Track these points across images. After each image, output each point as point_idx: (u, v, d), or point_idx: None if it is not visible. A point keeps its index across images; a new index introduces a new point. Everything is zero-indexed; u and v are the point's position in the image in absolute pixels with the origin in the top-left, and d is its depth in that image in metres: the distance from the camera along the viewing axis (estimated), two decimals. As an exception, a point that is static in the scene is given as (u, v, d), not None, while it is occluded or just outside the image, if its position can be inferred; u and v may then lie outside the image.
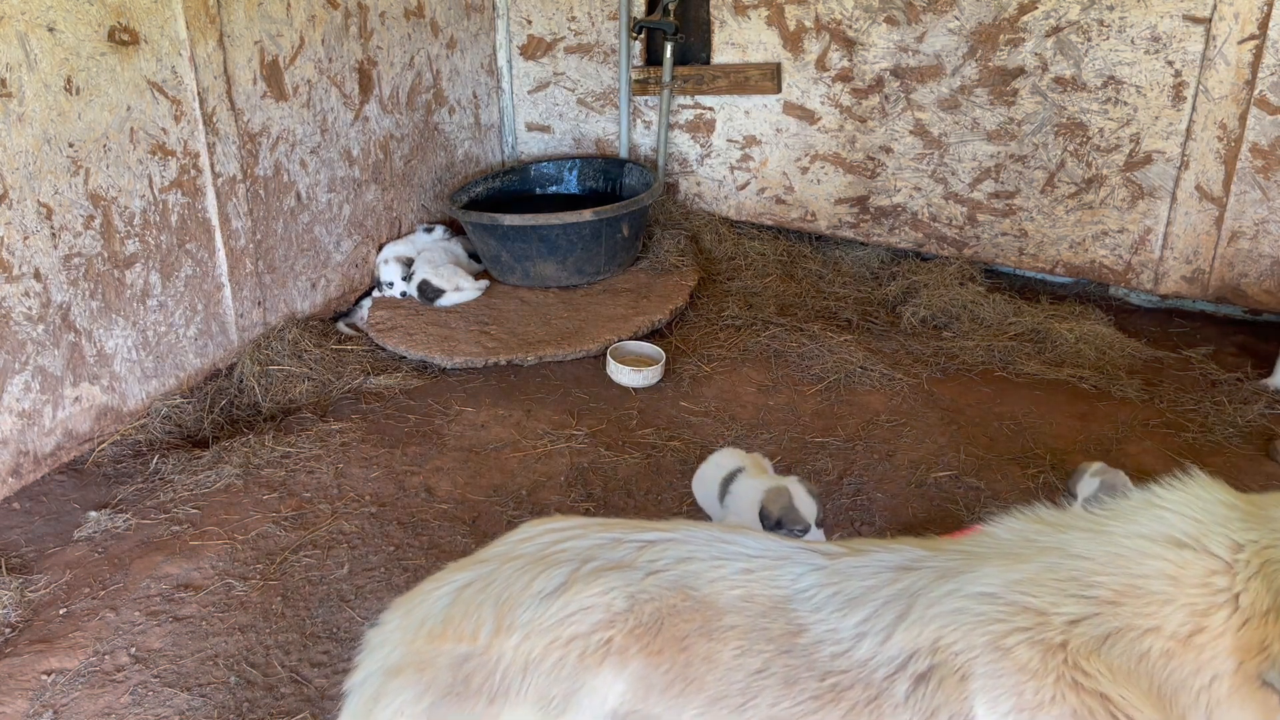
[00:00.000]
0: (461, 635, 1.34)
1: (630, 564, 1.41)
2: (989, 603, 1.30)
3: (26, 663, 2.35)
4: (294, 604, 2.53)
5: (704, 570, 1.41)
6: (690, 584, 1.39)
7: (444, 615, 1.38)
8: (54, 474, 3.07)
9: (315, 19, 3.77)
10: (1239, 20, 3.45)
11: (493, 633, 1.34)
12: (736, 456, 2.75)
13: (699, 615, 1.37)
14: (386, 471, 3.10)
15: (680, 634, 1.35)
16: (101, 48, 2.96)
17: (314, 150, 3.89)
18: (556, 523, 1.51)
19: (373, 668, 1.41)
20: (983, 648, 1.26)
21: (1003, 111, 4.03)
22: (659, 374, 3.62)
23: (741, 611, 1.37)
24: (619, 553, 1.42)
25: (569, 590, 1.36)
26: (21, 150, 2.78)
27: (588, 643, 1.33)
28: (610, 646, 1.33)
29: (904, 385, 3.53)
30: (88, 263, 3.03)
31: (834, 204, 4.57)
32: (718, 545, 1.45)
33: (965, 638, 1.28)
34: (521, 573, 1.40)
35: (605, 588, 1.36)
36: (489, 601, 1.37)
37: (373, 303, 4.23)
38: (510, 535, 1.52)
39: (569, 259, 4.21)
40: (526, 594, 1.37)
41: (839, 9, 4.23)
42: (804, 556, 1.44)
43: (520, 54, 5.09)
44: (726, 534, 1.49)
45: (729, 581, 1.40)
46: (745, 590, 1.39)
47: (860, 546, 1.47)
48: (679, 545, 1.45)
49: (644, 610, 1.35)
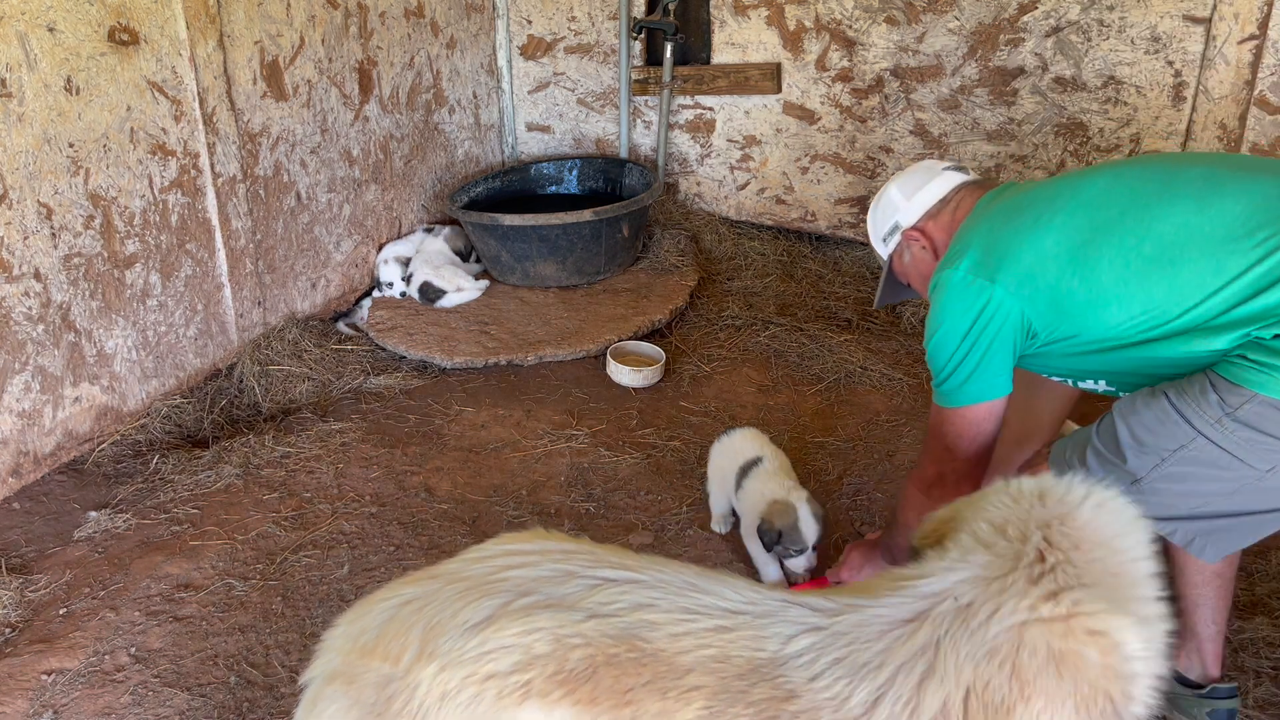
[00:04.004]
0: (388, 655, 1.32)
1: (573, 604, 1.31)
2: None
3: (26, 663, 2.35)
4: (294, 604, 2.53)
5: (663, 622, 1.29)
6: (642, 635, 1.28)
7: (378, 631, 1.35)
8: (54, 474, 3.07)
9: (315, 19, 3.77)
10: (1239, 20, 3.45)
11: (415, 658, 1.30)
12: (758, 443, 2.69)
13: (648, 670, 1.25)
14: (386, 471, 3.10)
15: (622, 686, 1.25)
16: (101, 48, 2.95)
17: (314, 150, 3.89)
18: (520, 543, 1.43)
19: (316, 671, 1.41)
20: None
21: (1003, 111, 4.03)
22: (659, 374, 3.62)
23: (713, 672, 1.25)
24: (566, 589, 1.33)
25: (493, 625, 1.29)
26: (21, 150, 2.78)
27: (504, 683, 1.26)
28: (529, 689, 1.25)
29: (904, 385, 3.52)
30: (88, 263, 3.03)
31: (834, 204, 4.57)
32: (689, 596, 1.33)
33: (1001, 670, 1.19)
34: (458, 598, 1.34)
35: (529, 628, 1.28)
36: (419, 625, 1.33)
37: (373, 303, 4.23)
38: (473, 550, 1.47)
39: (569, 259, 4.21)
40: (453, 622, 1.31)
41: (839, 9, 4.23)
42: (795, 614, 1.30)
43: (520, 54, 5.09)
44: (702, 581, 1.36)
45: (696, 639, 1.27)
46: (719, 650, 1.26)
47: (855, 601, 1.32)
48: (639, 590, 1.33)
49: (570, 656, 1.26)
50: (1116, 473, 1.63)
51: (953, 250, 1.86)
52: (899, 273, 2.19)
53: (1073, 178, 1.80)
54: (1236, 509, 1.61)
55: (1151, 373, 1.66)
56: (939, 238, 2.02)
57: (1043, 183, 1.85)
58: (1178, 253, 1.59)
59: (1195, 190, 1.63)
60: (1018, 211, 1.80)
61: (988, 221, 1.85)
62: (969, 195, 2.01)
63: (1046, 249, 1.71)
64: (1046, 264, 1.71)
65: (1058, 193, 1.77)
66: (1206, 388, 1.55)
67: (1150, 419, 1.60)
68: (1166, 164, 1.74)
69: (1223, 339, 1.54)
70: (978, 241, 1.81)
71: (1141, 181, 1.70)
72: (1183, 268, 1.58)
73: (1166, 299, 1.59)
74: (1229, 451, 1.53)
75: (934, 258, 2.03)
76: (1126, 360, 1.69)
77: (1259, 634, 2.28)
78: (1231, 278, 1.54)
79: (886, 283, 2.25)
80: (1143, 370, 1.68)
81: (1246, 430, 1.51)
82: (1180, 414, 1.56)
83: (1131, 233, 1.63)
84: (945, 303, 1.82)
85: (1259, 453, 1.51)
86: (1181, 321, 1.59)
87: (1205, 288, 1.56)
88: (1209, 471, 1.56)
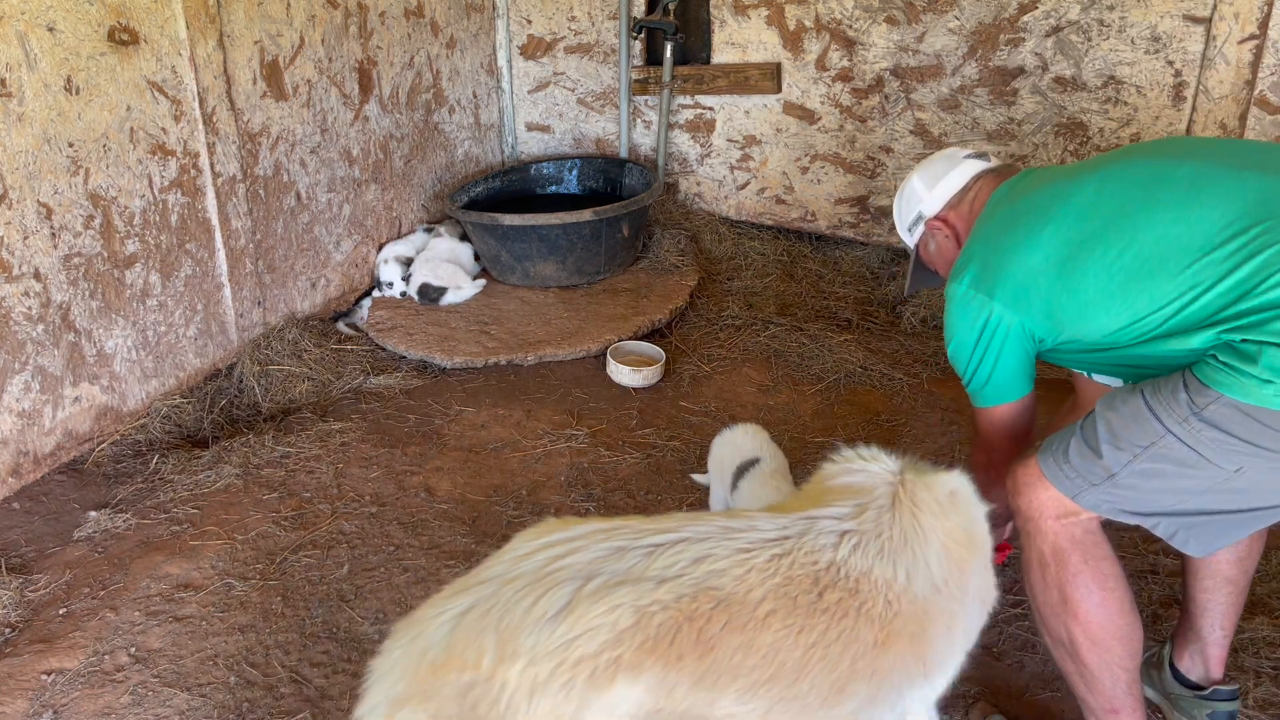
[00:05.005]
0: (465, 664, 1.32)
1: (640, 575, 1.38)
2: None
3: (26, 663, 2.35)
4: (294, 604, 2.53)
5: (726, 567, 1.41)
6: (712, 584, 1.39)
7: (445, 645, 1.35)
8: (54, 474, 3.06)
9: (315, 19, 3.77)
10: (1239, 20, 3.45)
11: (496, 660, 1.31)
12: (758, 441, 2.65)
13: (724, 613, 1.37)
14: (386, 471, 3.10)
15: (705, 638, 1.35)
16: (101, 47, 2.95)
17: (314, 150, 3.89)
18: (555, 533, 1.46)
19: (378, 699, 1.38)
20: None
21: (1003, 111, 4.03)
22: (659, 374, 3.62)
23: (783, 595, 1.40)
24: (625, 563, 1.40)
25: (573, 612, 1.33)
26: (21, 150, 2.77)
27: (596, 663, 1.31)
28: (619, 664, 1.32)
29: (904, 385, 3.52)
30: (87, 262, 3.03)
31: (834, 204, 4.57)
32: (734, 538, 1.45)
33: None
34: (523, 595, 1.37)
35: (610, 605, 1.34)
36: (490, 628, 1.34)
37: (373, 303, 4.23)
38: (508, 550, 1.47)
39: (569, 259, 4.21)
40: (529, 618, 1.34)
41: (839, 9, 4.23)
42: (825, 525, 1.50)
43: (520, 54, 5.09)
44: (734, 522, 1.49)
45: (760, 573, 1.41)
46: (783, 575, 1.42)
47: (857, 502, 1.56)
48: (690, 546, 1.43)
49: (653, 623, 1.34)
50: (1094, 466, 1.66)
51: (960, 261, 1.93)
52: (926, 260, 2.23)
53: (1069, 180, 1.82)
54: (1211, 507, 1.63)
55: (1153, 369, 1.68)
56: (961, 226, 2.08)
57: (1045, 182, 1.87)
58: (1157, 264, 1.62)
59: (1179, 197, 1.66)
60: (1014, 222, 1.84)
61: (990, 229, 1.90)
62: (986, 185, 2.05)
63: (1036, 264, 1.76)
64: (1037, 278, 1.76)
65: (1053, 198, 1.80)
66: (1179, 387, 1.57)
67: (1126, 415, 1.63)
68: (1157, 161, 1.75)
69: (1198, 339, 1.57)
70: (978, 254, 1.87)
71: (1128, 186, 1.73)
72: (1162, 278, 1.62)
73: (1149, 307, 1.64)
74: (1196, 450, 1.55)
75: (957, 245, 2.09)
76: (1127, 358, 1.72)
77: (1259, 634, 2.28)
78: (1208, 285, 1.57)
79: (915, 270, 2.29)
80: (1143, 365, 1.70)
81: (1212, 430, 1.53)
82: (1152, 411, 1.60)
83: (1114, 245, 1.68)
84: (954, 315, 1.90)
85: (1225, 453, 1.53)
86: (1166, 326, 1.63)
87: (1184, 296, 1.60)
88: (1179, 469, 1.59)
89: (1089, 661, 1.75)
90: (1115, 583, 1.74)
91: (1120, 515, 1.68)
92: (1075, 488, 1.68)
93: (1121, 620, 1.73)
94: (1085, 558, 1.73)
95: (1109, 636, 1.73)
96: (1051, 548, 1.74)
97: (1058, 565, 1.74)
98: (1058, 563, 1.74)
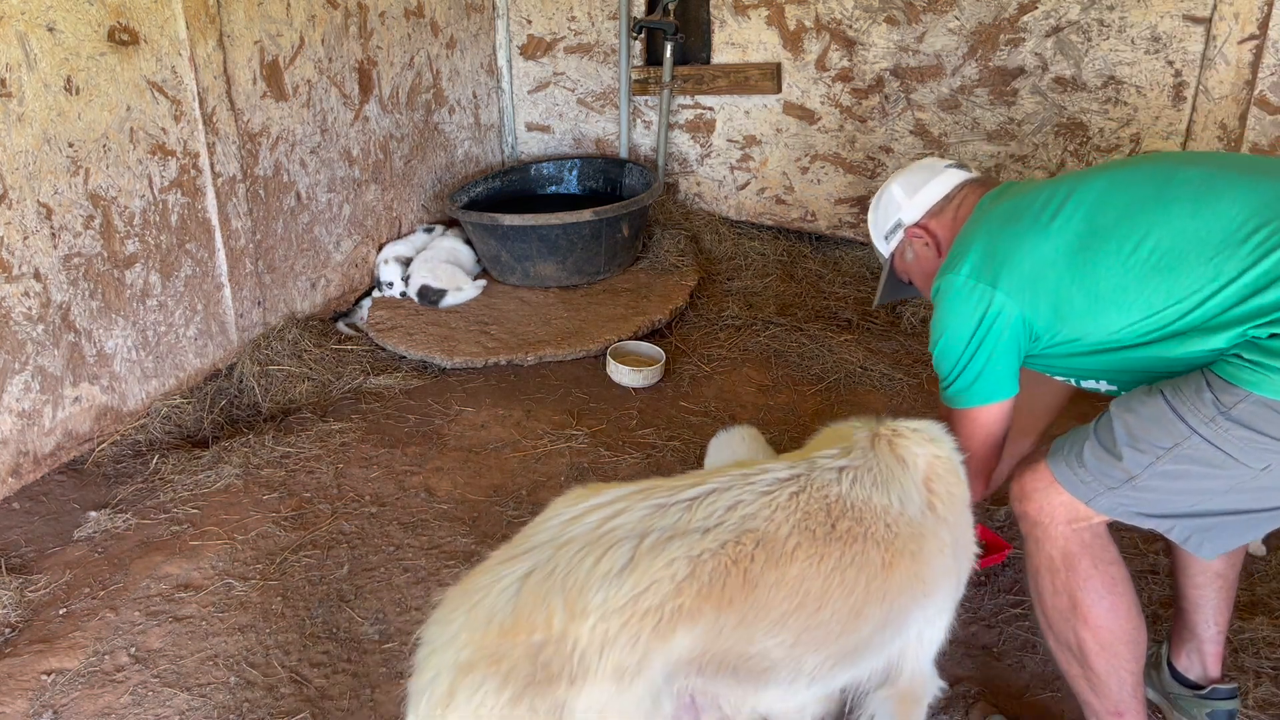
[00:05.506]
0: (534, 626, 1.38)
1: (686, 528, 1.48)
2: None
3: (26, 663, 2.35)
4: (294, 604, 2.53)
5: (757, 510, 1.53)
6: (749, 527, 1.50)
7: (513, 608, 1.40)
8: (54, 474, 3.07)
9: (315, 19, 3.77)
10: (1239, 20, 3.45)
11: (566, 619, 1.37)
12: (754, 444, 2.63)
13: (762, 552, 1.48)
14: (386, 471, 3.10)
15: (750, 576, 1.46)
16: (101, 48, 2.95)
17: (314, 150, 3.89)
18: (593, 498, 1.54)
19: (443, 665, 1.41)
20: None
21: (1003, 111, 4.03)
22: (659, 374, 3.62)
23: (805, 529, 1.53)
24: (670, 519, 1.49)
25: (637, 568, 1.41)
26: (21, 150, 2.77)
27: (660, 614, 1.39)
28: (681, 613, 1.41)
29: (904, 385, 3.52)
30: (87, 263, 3.03)
31: (834, 204, 4.57)
32: (756, 481, 1.58)
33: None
34: (583, 556, 1.43)
35: (668, 559, 1.43)
36: (555, 589, 1.40)
37: (373, 303, 4.23)
38: (549, 517, 1.53)
39: (569, 259, 4.21)
40: (593, 576, 1.41)
41: (839, 9, 4.23)
42: (825, 463, 1.65)
43: (520, 54, 5.09)
44: (749, 470, 1.62)
45: (785, 511, 1.54)
46: (803, 511, 1.55)
47: (829, 456, 1.70)
48: (720, 495, 1.54)
49: (704, 571, 1.43)
50: (1113, 470, 1.63)
51: (953, 254, 1.86)
52: (900, 271, 2.19)
53: (1071, 179, 1.80)
54: (1233, 507, 1.61)
55: (1154, 372, 1.67)
56: (943, 235, 2.03)
57: (1042, 183, 1.85)
58: (1175, 258, 1.59)
59: (1191, 193, 1.63)
60: (1017, 215, 1.80)
61: (988, 224, 1.85)
62: (971, 193, 2.01)
63: (1045, 254, 1.72)
64: (1045, 270, 1.71)
65: (1055, 195, 1.77)
66: (1202, 386, 1.55)
67: (1146, 417, 1.61)
68: (1164, 165, 1.74)
69: (1220, 338, 1.55)
70: (978, 245, 1.81)
71: (1138, 184, 1.70)
72: (1180, 272, 1.58)
73: (1165, 303, 1.60)
74: (1224, 450, 1.54)
75: (938, 255, 2.04)
76: (1128, 361, 1.70)
77: (1259, 634, 2.28)
78: (1228, 280, 1.54)
79: (887, 281, 2.25)
80: (1145, 370, 1.68)
81: (1241, 429, 1.51)
82: (1176, 412, 1.57)
83: (1128, 239, 1.64)
84: (948, 307, 1.83)
85: (1254, 451, 1.52)
86: (1181, 324, 1.59)
87: (1203, 291, 1.57)
88: (1204, 470, 1.57)
89: (1097, 666, 1.75)
90: (1124, 586, 1.73)
91: (1136, 519, 1.67)
92: (1091, 492, 1.67)
93: (1129, 624, 1.73)
94: (1095, 562, 1.72)
95: (1118, 641, 1.72)
96: (1061, 553, 1.73)
97: (1068, 570, 1.73)
98: (1068, 568, 1.73)
